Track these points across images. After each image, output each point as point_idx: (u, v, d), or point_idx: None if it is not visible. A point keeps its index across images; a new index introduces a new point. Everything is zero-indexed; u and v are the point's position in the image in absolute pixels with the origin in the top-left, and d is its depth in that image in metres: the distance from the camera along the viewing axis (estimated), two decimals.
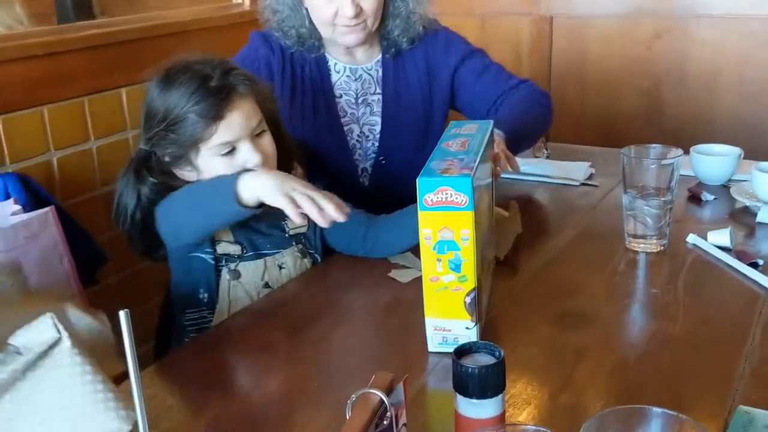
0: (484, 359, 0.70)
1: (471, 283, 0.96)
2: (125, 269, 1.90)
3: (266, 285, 1.28)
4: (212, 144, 1.17)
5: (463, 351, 0.71)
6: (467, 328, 0.98)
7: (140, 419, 0.59)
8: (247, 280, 1.26)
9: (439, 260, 0.95)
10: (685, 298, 1.17)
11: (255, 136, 1.21)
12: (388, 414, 0.61)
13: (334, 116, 1.59)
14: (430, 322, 1.00)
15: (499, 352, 0.70)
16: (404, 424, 0.66)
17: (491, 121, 1.18)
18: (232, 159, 1.19)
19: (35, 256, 1.31)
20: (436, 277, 0.96)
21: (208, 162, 1.19)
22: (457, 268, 0.95)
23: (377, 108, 1.62)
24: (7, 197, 1.49)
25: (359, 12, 1.46)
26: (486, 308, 1.09)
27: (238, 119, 1.18)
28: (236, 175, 1.11)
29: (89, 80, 1.80)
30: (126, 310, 0.55)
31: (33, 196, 1.53)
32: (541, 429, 0.58)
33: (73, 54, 1.76)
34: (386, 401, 0.60)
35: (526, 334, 1.08)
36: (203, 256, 1.23)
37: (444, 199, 0.92)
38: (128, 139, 1.89)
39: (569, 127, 3.01)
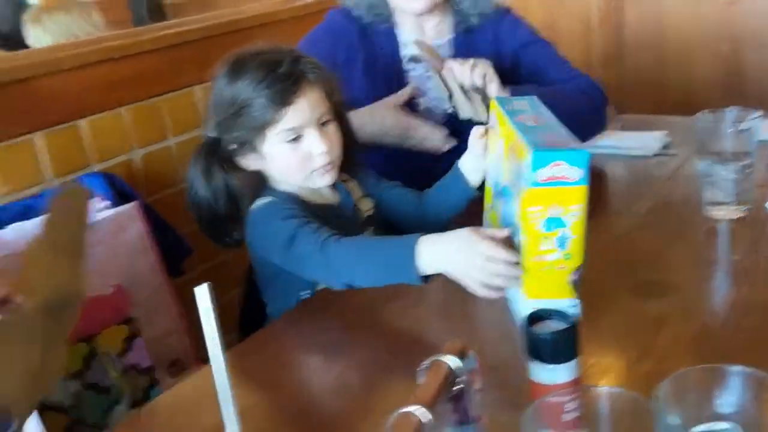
0: (556, 325, 0.70)
1: (577, 259, 0.94)
2: (209, 261, 1.97)
3: None
4: (279, 129, 1.18)
5: (536, 318, 0.71)
6: (573, 306, 0.90)
7: (228, 395, 0.61)
8: None
9: (545, 239, 0.92)
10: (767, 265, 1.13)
11: (321, 125, 1.22)
12: (460, 378, 0.62)
13: (403, 87, 1.59)
14: (530, 303, 0.95)
15: (572, 318, 0.69)
16: (478, 390, 0.66)
17: (534, 96, 1.16)
18: (298, 145, 1.20)
19: (122, 250, 1.37)
20: (540, 256, 0.93)
21: (274, 148, 1.20)
22: (563, 245, 0.92)
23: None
24: (95, 197, 1.57)
25: None
26: None
27: (305, 106, 1.19)
28: (413, 245, 1.06)
29: (164, 80, 1.87)
30: (207, 283, 0.57)
31: (119, 193, 1.60)
32: (615, 389, 0.58)
33: (147, 55, 1.83)
34: (458, 365, 0.61)
35: (605, 304, 1.07)
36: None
37: (557, 175, 0.88)
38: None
39: (646, 97, 2.93)
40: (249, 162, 1.24)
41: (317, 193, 1.27)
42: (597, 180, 1.53)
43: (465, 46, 1.61)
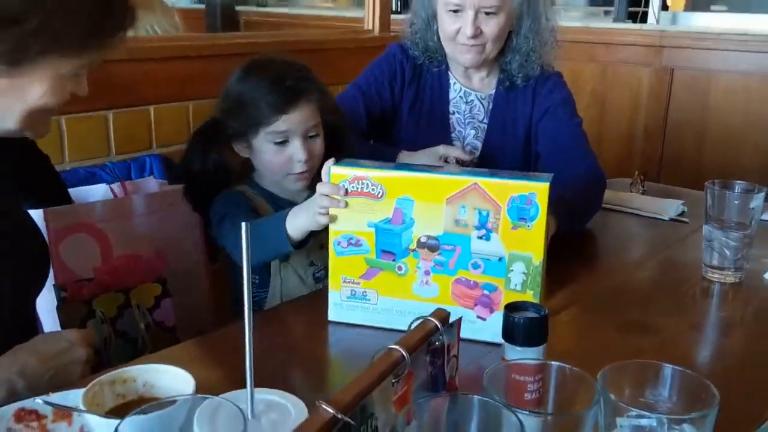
0: (530, 315, 0.81)
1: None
2: None
3: (311, 263, 1.44)
4: (270, 130, 1.37)
5: (514, 307, 0.82)
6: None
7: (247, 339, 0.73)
8: (296, 260, 1.42)
9: None
10: (752, 324, 1.22)
11: (308, 137, 1.39)
12: (441, 337, 0.73)
13: (446, 128, 1.73)
14: None
15: (543, 311, 0.81)
16: (455, 356, 0.78)
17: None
18: (283, 149, 1.38)
19: (171, 222, 1.52)
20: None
21: (262, 145, 1.39)
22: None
23: (481, 134, 1.74)
24: (150, 175, 1.73)
25: (478, 34, 1.58)
26: None
27: (297, 118, 1.37)
28: (283, 216, 1.24)
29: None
30: (247, 223, 0.70)
31: (173, 176, 1.75)
32: (566, 366, 0.69)
33: (217, 58, 2.00)
34: (440, 326, 0.73)
35: (588, 333, 1.17)
36: None
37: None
38: None
39: (684, 173, 3.03)
40: (240, 149, 1.44)
41: (289, 193, 1.45)
42: (610, 234, 1.66)
43: (504, 102, 1.73)
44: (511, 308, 0.82)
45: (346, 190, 1.09)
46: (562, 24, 3.47)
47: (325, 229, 1.14)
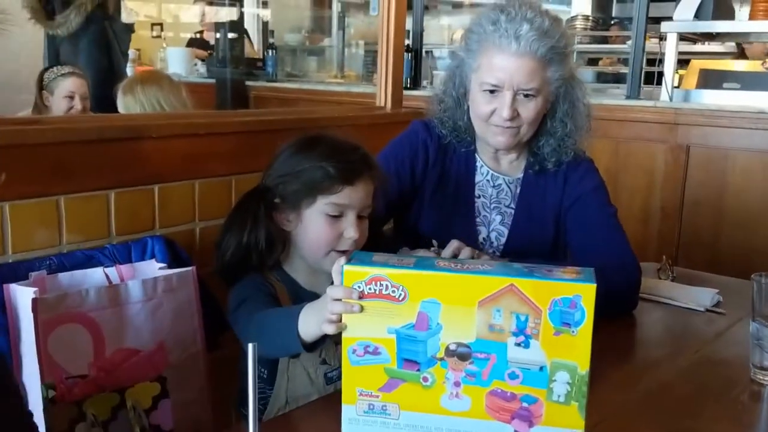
0: None
1: None
2: None
3: (323, 361, 1.32)
4: (331, 200, 1.28)
5: None
6: None
7: None
8: (306, 357, 1.30)
9: None
10: None
11: (359, 216, 1.30)
12: None
13: (470, 213, 1.63)
14: None
15: None
16: None
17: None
18: (335, 223, 1.29)
19: (171, 308, 1.41)
20: None
21: (315, 215, 1.29)
22: None
23: (508, 220, 1.64)
24: (152, 257, 1.63)
25: (515, 116, 1.50)
26: None
27: (360, 192, 1.29)
28: (296, 314, 1.11)
29: (239, 161, 1.96)
30: (254, 344, 0.60)
31: (175, 258, 1.66)
32: None
33: (228, 136, 1.93)
34: None
35: None
36: None
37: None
38: None
39: (700, 256, 2.93)
40: (284, 219, 1.33)
41: (318, 284, 1.31)
42: (643, 326, 1.55)
43: (533, 186, 1.64)
44: None
45: (362, 292, 0.98)
46: None
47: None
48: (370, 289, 0.96)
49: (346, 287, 0.98)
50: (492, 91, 1.50)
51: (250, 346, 0.60)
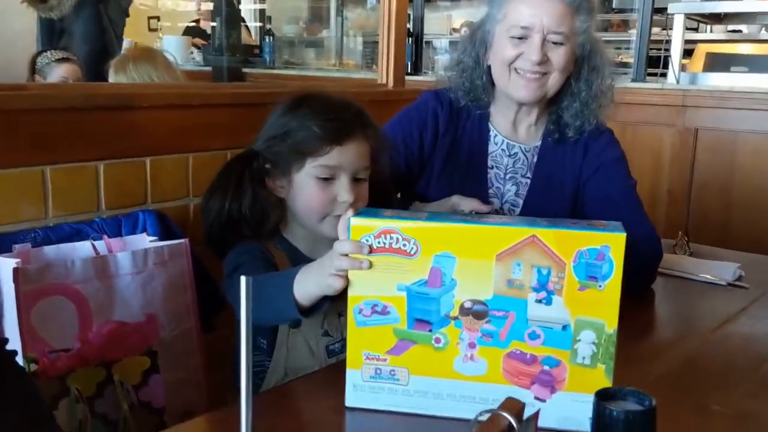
0: (631, 406, 0.61)
1: None
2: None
3: (326, 333, 1.24)
4: (319, 162, 1.19)
5: (606, 395, 0.62)
6: None
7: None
8: (307, 328, 1.22)
9: None
10: None
11: (355, 179, 1.21)
12: None
13: (483, 184, 1.55)
14: None
15: (650, 400, 0.61)
16: None
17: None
18: (327, 186, 1.20)
19: (162, 282, 1.33)
20: None
21: (305, 180, 1.21)
22: None
23: (523, 191, 1.56)
24: (144, 232, 1.55)
25: (545, 60, 1.43)
26: None
27: (351, 152, 1.20)
28: (292, 276, 1.04)
29: (235, 135, 1.86)
30: (249, 277, 0.52)
31: (167, 233, 1.57)
32: None
33: (224, 108, 1.84)
34: (516, 427, 0.53)
35: (666, 423, 0.96)
36: None
37: None
38: None
39: (710, 237, 2.85)
40: (276, 185, 1.25)
41: (320, 251, 1.19)
42: (664, 301, 1.47)
43: (552, 155, 1.56)
44: (603, 396, 0.62)
45: (371, 246, 0.89)
46: None
47: (345, 293, 0.95)
48: (379, 243, 0.88)
49: (355, 241, 0.90)
50: (520, 38, 1.44)
51: (243, 279, 0.52)
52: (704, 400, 1.03)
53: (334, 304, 1.18)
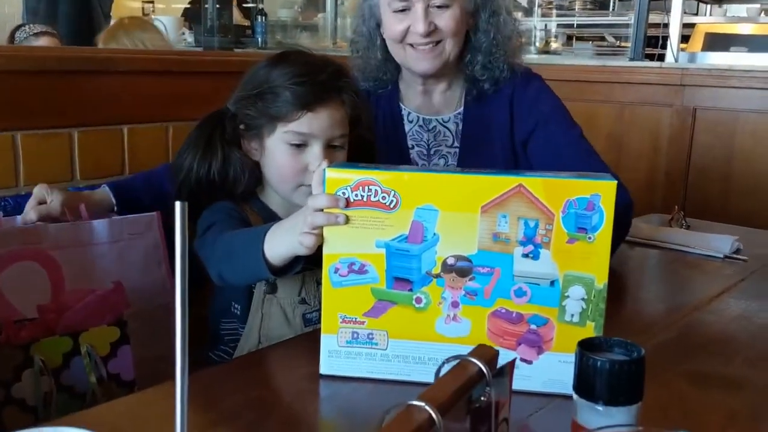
0: (617, 357, 0.55)
1: None
2: None
3: (303, 301, 1.18)
4: (290, 128, 1.12)
5: (590, 345, 0.56)
6: None
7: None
8: (284, 294, 1.16)
9: None
10: None
11: (330, 146, 1.15)
12: (487, 390, 0.47)
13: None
14: None
15: (638, 350, 0.55)
16: (505, 419, 0.52)
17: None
18: (299, 153, 1.13)
19: (137, 252, 1.27)
20: None
21: (277, 145, 1.15)
22: None
23: (453, 161, 1.47)
24: None
25: (433, 30, 1.36)
26: None
27: (324, 119, 1.13)
28: (262, 234, 0.98)
29: (217, 105, 1.81)
30: (184, 202, 0.46)
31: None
32: None
33: (208, 77, 1.79)
34: (487, 373, 0.47)
35: (660, 390, 0.91)
36: None
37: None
38: None
39: (709, 218, 2.80)
40: (251, 147, 1.20)
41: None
42: (658, 274, 1.41)
43: (477, 117, 1.46)
44: (586, 346, 0.56)
45: (347, 200, 0.84)
46: (577, 63, 3.31)
47: (320, 256, 0.89)
48: (356, 195, 0.82)
49: (330, 195, 0.84)
50: (403, 10, 1.37)
51: (178, 205, 0.46)
52: (700, 368, 0.98)
53: (312, 271, 1.12)
